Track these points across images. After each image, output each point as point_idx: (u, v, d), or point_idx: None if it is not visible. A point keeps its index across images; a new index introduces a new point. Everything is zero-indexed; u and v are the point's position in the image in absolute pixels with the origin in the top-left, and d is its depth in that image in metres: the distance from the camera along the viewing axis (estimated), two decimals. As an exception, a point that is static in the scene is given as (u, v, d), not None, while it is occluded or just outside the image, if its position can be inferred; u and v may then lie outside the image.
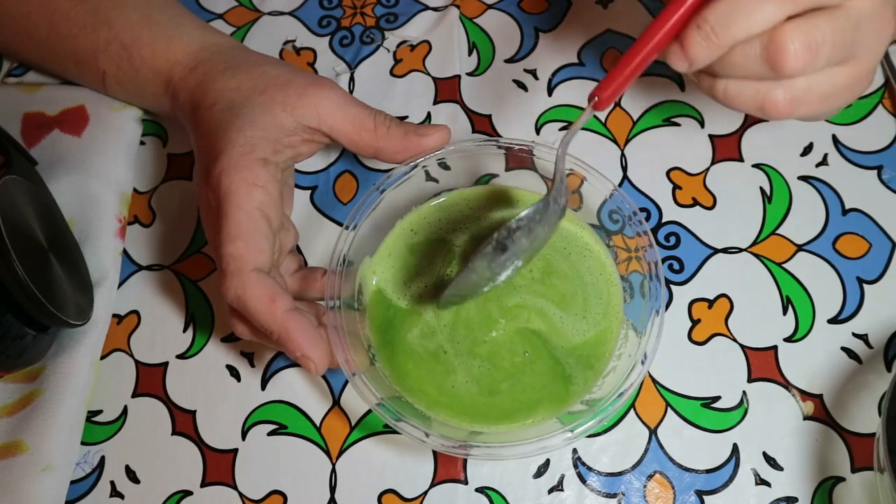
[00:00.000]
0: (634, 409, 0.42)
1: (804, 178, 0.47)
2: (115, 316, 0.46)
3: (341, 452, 0.42)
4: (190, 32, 0.45)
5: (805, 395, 0.42)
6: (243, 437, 0.43)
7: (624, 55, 0.34)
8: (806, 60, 0.32)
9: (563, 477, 0.41)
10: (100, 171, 0.47)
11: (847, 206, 0.46)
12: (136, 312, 0.46)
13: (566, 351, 0.40)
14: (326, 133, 0.42)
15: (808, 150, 0.48)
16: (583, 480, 0.41)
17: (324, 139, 0.42)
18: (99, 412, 0.44)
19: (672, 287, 0.45)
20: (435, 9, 0.54)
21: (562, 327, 0.41)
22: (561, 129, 0.49)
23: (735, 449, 0.41)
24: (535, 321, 0.41)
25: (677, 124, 0.49)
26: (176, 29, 0.45)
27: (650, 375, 0.43)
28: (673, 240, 0.46)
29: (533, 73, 0.51)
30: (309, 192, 0.49)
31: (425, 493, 0.41)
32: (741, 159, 0.48)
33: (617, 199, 0.41)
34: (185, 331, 0.45)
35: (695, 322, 0.44)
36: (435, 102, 0.51)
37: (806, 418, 0.41)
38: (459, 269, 0.43)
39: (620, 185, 0.47)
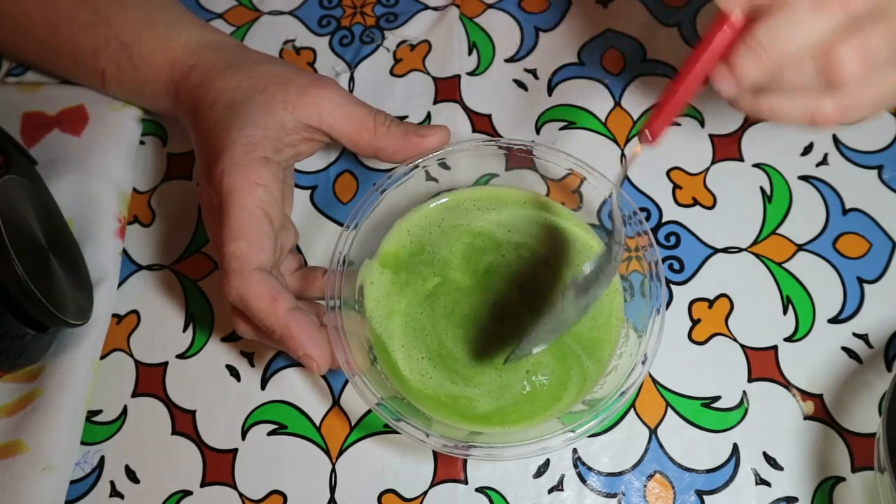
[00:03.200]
0: (634, 409, 0.42)
1: (804, 178, 0.47)
2: (114, 316, 0.46)
3: (341, 452, 0.42)
4: (189, 31, 0.45)
5: (805, 394, 0.42)
6: (243, 437, 0.43)
7: (670, 85, 0.34)
8: (862, 70, 0.31)
9: (563, 477, 0.41)
10: (99, 171, 0.47)
11: (847, 206, 0.46)
12: (135, 312, 0.46)
13: (567, 351, 0.40)
14: (326, 132, 0.42)
15: (808, 149, 0.48)
16: (583, 480, 0.41)
17: (324, 138, 0.42)
18: (99, 412, 0.44)
19: (672, 287, 0.45)
20: (435, 8, 0.54)
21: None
22: (561, 129, 0.49)
23: (735, 449, 0.41)
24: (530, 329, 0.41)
25: (677, 124, 0.49)
26: (175, 27, 0.45)
27: (650, 375, 0.43)
28: (673, 239, 0.46)
29: (533, 72, 0.51)
30: (309, 191, 0.49)
31: (425, 493, 0.41)
32: (741, 159, 0.48)
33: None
34: (184, 330, 0.45)
35: (695, 322, 0.44)
36: (435, 102, 0.51)
37: (806, 418, 0.41)
38: (462, 272, 0.43)
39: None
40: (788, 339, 0.43)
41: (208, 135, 0.41)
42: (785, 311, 0.44)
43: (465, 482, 0.41)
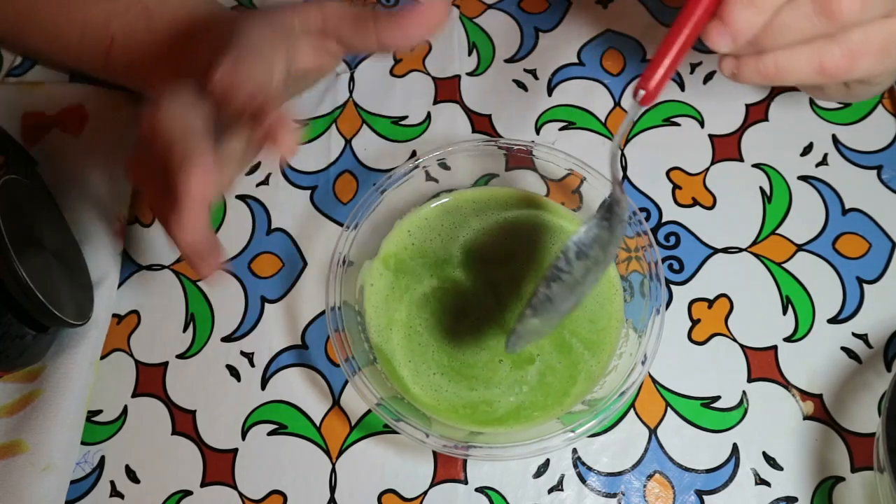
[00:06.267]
0: (634, 409, 0.42)
1: (804, 178, 0.47)
2: (114, 316, 0.46)
3: (341, 452, 0.42)
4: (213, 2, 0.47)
5: (805, 394, 0.42)
6: (243, 437, 0.43)
7: (663, 41, 0.32)
8: (861, 2, 0.30)
9: (563, 477, 0.41)
10: (99, 171, 0.47)
11: (847, 206, 0.46)
12: (135, 312, 0.46)
13: (566, 352, 0.40)
14: (333, 34, 0.40)
15: (807, 149, 0.48)
16: (583, 480, 0.41)
17: (331, 46, 0.40)
18: (99, 412, 0.44)
19: (672, 287, 0.45)
20: (435, 8, 0.54)
21: (561, 328, 0.41)
22: (561, 129, 0.49)
23: (735, 449, 0.41)
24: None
25: (677, 124, 0.49)
26: None
27: (650, 375, 0.43)
28: (673, 240, 0.46)
29: (533, 73, 0.51)
30: (309, 192, 0.49)
31: (425, 492, 0.41)
32: (741, 159, 0.48)
33: (617, 199, 0.41)
34: (184, 331, 0.45)
35: (695, 322, 0.44)
36: (435, 102, 0.51)
37: (806, 418, 0.41)
38: (463, 273, 0.43)
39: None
40: (788, 339, 0.43)
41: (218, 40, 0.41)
42: (784, 311, 0.44)
43: (465, 482, 0.41)
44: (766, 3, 0.31)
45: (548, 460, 0.41)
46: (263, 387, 0.44)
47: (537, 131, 0.50)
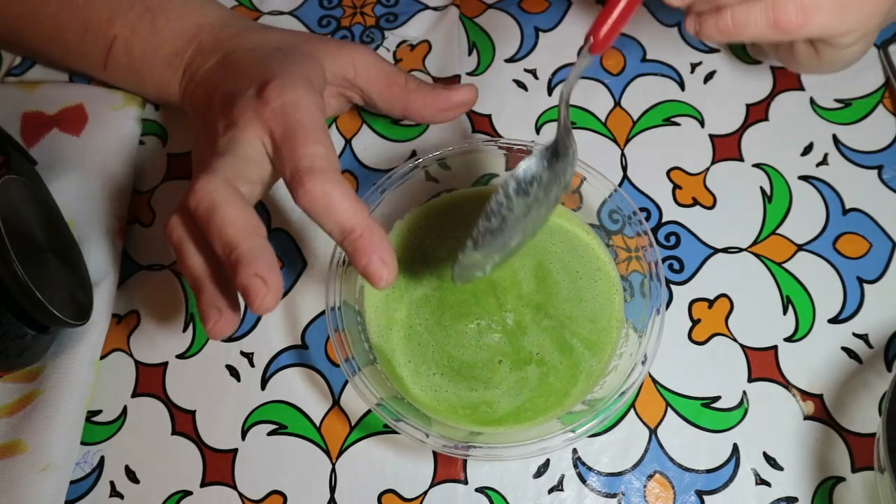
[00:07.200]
0: (634, 409, 0.42)
1: (804, 178, 0.47)
2: (114, 316, 0.46)
3: (341, 452, 0.42)
4: (221, 8, 0.48)
5: (805, 394, 0.42)
6: (243, 437, 0.43)
7: None
8: None
9: (563, 477, 0.41)
10: (99, 171, 0.47)
11: (847, 206, 0.46)
12: (135, 312, 0.46)
13: (567, 352, 0.40)
14: (361, 87, 0.43)
15: (808, 149, 0.48)
16: (583, 480, 0.41)
17: (354, 96, 0.43)
18: (99, 412, 0.44)
19: (672, 287, 0.45)
20: (435, 8, 0.54)
21: (561, 328, 0.41)
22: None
23: (735, 449, 0.41)
24: (534, 326, 0.41)
25: (677, 124, 0.49)
26: (208, 2, 0.47)
27: (650, 375, 0.43)
28: (673, 240, 0.46)
29: (533, 72, 0.51)
30: (309, 191, 0.49)
31: (425, 493, 0.41)
32: (741, 159, 0.48)
33: (617, 198, 0.41)
34: (184, 331, 0.45)
35: (695, 322, 0.44)
36: (435, 102, 0.51)
37: (806, 418, 0.41)
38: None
39: (620, 185, 0.47)
40: (788, 339, 0.43)
41: (253, 67, 0.41)
42: (785, 311, 0.44)
43: (465, 482, 0.41)
44: None
45: (548, 460, 0.41)
46: (263, 387, 0.44)
47: (537, 131, 0.50)
